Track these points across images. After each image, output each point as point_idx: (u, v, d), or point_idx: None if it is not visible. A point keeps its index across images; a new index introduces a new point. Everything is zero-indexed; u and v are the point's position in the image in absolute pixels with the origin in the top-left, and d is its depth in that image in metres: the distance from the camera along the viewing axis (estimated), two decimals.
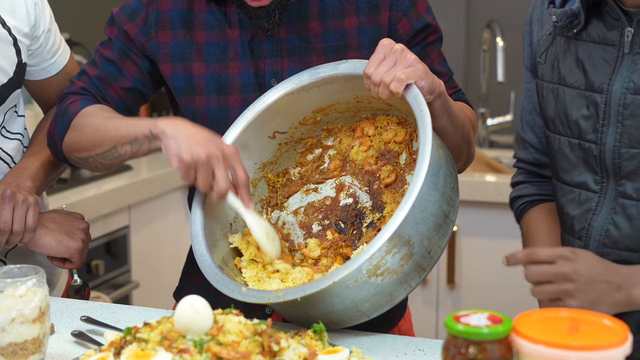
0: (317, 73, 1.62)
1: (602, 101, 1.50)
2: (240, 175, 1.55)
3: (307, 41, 1.70)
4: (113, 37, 1.76)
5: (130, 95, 1.77)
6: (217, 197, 1.54)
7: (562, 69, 1.56)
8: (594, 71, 1.51)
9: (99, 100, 1.76)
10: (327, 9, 1.70)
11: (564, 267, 1.42)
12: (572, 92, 1.54)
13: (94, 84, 1.76)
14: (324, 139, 1.74)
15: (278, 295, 1.42)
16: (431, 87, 1.51)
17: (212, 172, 1.53)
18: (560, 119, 1.57)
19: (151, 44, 1.73)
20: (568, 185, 1.58)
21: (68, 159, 1.77)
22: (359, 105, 1.67)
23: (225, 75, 1.71)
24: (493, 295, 3.01)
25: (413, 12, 1.71)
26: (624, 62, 1.47)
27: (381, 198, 1.67)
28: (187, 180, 1.54)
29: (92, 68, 1.78)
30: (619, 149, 1.49)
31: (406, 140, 1.66)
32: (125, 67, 1.75)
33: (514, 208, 1.77)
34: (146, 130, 1.58)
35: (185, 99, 1.73)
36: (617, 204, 1.50)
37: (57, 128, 1.75)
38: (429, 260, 1.46)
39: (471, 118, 1.75)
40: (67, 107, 1.75)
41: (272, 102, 1.65)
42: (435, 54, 1.75)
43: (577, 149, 1.54)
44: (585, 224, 1.54)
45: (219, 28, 1.71)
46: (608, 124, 1.49)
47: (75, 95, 1.76)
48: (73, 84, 1.79)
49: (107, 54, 1.76)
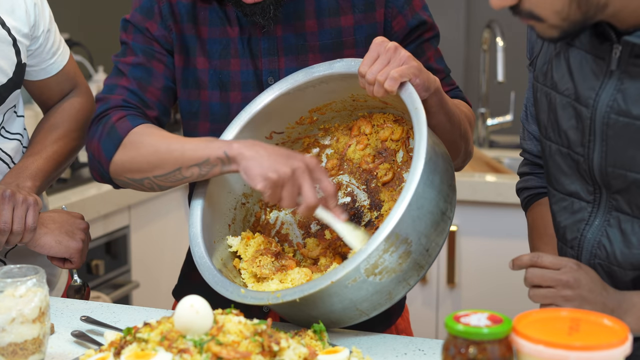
0: (312, 72, 1.62)
1: (587, 116, 1.45)
2: (329, 187, 1.51)
3: (304, 39, 1.70)
4: (131, 41, 1.73)
5: (166, 95, 1.73)
6: (305, 213, 1.49)
7: (555, 74, 1.53)
8: (582, 82, 1.47)
9: (143, 110, 1.70)
10: (323, 7, 1.70)
11: (567, 275, 1.42)
12: (562, 100, 1.50)
13: (132, 93, 1.70)
14: (321, 138, 1.74)
15: (277, 296, 1.42)
16: (426, 84, 1.51)
17: (299, 187, 1.49)
18: (552, 126, 1.54)
19: (173, 35, 1.72)
20: (560, 193, 1.55)
21: (115, 180, 1.69)
22: (355, 103, 1.67)
23: (226, 72, 1.71)
24: (493, 295, 3.01)
25: (408, 9, 1.71)
26: (612, 79, 1.42)
27: (379, 196, 1.67)
28: (274, 200, 1.49)
29: (121, 79, 1.72)
30: (605, 167, 1.45)
31: (403, 138, 1.66)
32: (153, 66, 1.72)
33: (520, 198, 1.77)
34: (220, 152, 1.53)
35: (190, 92, 1.73)
36: (611, 217, 1.47)
37: (105, 147, 1.66)
38: (427, 257, 1.46)
39: (468, 115, 1.75)
40: (114, 125, 1.66)
41: (268, 103, 1.65)
42: (431, 51, 1.76)
43: (568, 158, 1.51)
44: (578, 234, 1.51)
45: (221, 25, 1.72)
46: (594, 139, 1.45)
47: (118, 110, 1.68)
48: (107, 100, 1.70)
49: (132, 59, 1.72)
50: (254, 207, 1.72)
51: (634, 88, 1.39)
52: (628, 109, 1.39)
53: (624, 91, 1.40)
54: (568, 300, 1.41)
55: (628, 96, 1.39)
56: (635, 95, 1.39)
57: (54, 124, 1.91)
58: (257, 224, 1.73)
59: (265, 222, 1.73)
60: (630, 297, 1.44)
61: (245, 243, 1.63)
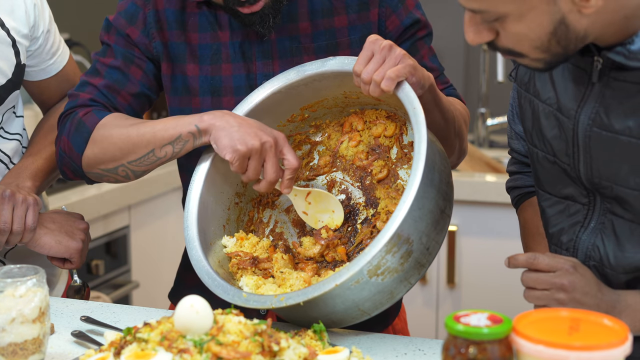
0: (305, 71, 1.62)
1: (569, 127, 1.44)
2: (292, 161, 1.56)
3: (298, 42, 1.70)
4: (112, 43, 1.73)
5: (138, 101, 1.75)
6: (265, 187, 1.56)
7: (537, 82, 1.51)
8: (564, 93, 1.44)
9: (109, 109, 1.72)
10: (316, 8, 1.70)
11: (561, 279, 1.41)
12: (545, 109, 1.49)
13: (101, 94, 1.72)
14: (312, 135, 1.74)
15: (280, 300, 1.42)
16: (421, 82, 1.51)
17: (263, 161, 1.53)
18: (536, 134, 1.52)
19: (155, 44, 1.72)
20: (555, 196, 1.54)
21: (87, 174, 1.71)
22: (347, 100, 1.67)
23: (218, 77, 1.71)
24: (493, 295, 3.01)
25: (402, 9, 1.71)
26: (593, 92, 1.39)
27: (374, 194, 1.66)
28: (240, 171, 1.54)
29: (95, 78, 1.74)
30: (591, 178, 1.44)
31: (396, 134, 1.66)
32: (130, 72, 1.73)
33: (510, 197, 1.77)
34: (191, 126, 1.57)
35: (181, 99, 1.73)
36: (606, 219, 1.46)
37: (74, 142, 1.69)
38: (427, 256, 1.46)
39: (462, 112, 1.75)
40: (81, 120, 1.69)
41: (259, 101, 1.65)
42: (425, 50, 1.76)
43: (556, 165, 1.50)
44: (573, 236, 1.51)
45: (212, 30, 1.71)
46: (578, 151, 1.44)
47: (85, 108, 1.71)
48: (77, 97, 1.73)
49: (110, 61, 1.73)
50: (246, 206, 1.72)
51: (616, 102, 1.37)
52: (610, 123, 1.38)
53: (606, 105, 1.38)
54: (561, 304, 1.40)
55: (610, 110, 1.38)
56: (617, 109, 1.37)
57: (54, 124, 1.90)
58: (250, 223, 1.72)
59: (258, 221, 1.73)
60: (625, 298, 1.44)
61: (239, 244, 1.63)
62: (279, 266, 1.58)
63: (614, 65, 1.36)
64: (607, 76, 1.37)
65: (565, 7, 1.26)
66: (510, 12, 1.28)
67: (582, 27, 1.29)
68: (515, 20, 1.28)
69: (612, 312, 1.41)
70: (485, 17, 1.31)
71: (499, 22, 1.30)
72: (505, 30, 1.31)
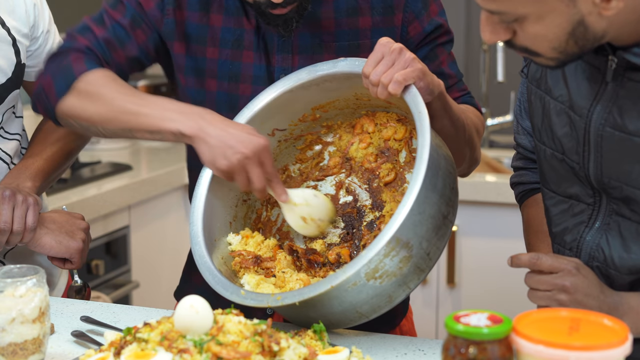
0: (316, 71, 1.61)
1: (581, 126, 1.43)
2: (268, 171, 1.54)
3: (320, 39, 1.69)
4: (126, 0, 1.71)
5: (131, 64, 1.73)
6: (259, 196, 1.56)
7: (549, 79, 1.50)
8: (577, 91, 1.44)
9: (102, 62, 1.68)
10: (341, 6, 1.69)
11: (563, 280, 1.41)
12: (557, 106, 1.48)
13: (100, 45, 1.69)
14: (324, 135, 1.74)
15: (277, 299, 1.42)
16: (430, 88, 1.49)
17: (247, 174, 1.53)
18: (546, 131, 1.52)
19: (167, 20, 1.70)
20: (560, 195, 1.53)
21: (59, 119, 1.68)
22: (358, 102, 1.67)
23: (238, 63, 1.70)
24: (493, 295, 3.01)
25: (425, 15, 1.70)
26: (607, 91, 1.39)
27: (381, 196, 1.66)
28: (230, 181, 1.55)
29: (99, 28, 1.71)
30: (601, 177, 1.43)
31: (406, 138, 1.66)
32: (134, 34, 1.70)
33: (514, 192, 1.76)
34: (174, 127, 1.54)
35: (195, 80, 1.72)
36: (611, 220, 1.45)
37: (56, 84, 1.65)
38: (427, 261, 1.46)
39: (475, 121, 1.72)
40: (70, 64, 1.65)
41: (271, 100, 1.65)
42: (444, 56, 1.74)
43: (564, 164, 1.50)
44: (577, 236, 1.50)
45: (237, 15, 1.69)
46: (589, 150, 1.43)
47: (78, 53, 1.67)
48: (75, 39, 1.70)
49: (119, 17, 1.70)
50: (255, 203, 1.72)
51: (630, 103, 1.36)
52: (624, 124, 1.37)
53: (619, 105, 1.37)
54: (563, 305, 1.40)
55: (624, 111, 1.37)
56: (631, 110, 1.36)
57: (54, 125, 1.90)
58: (258, 221, 1.72)
59: (266, 219, 1.72)
60: (627, 300, 1.43)
61: (244, 242, 1.63)
62: (281, 266, 1.58)
63: (628, 65, 1.35)
64: (622, 76, 1.37)
65: (585, 9, 1.26)
66: (530, 14, 1.27)
67: (600, 28, 1.28)
68: (534, 21, 1.28)
69: (614, 314, 1.40)
70: (504, 18, 1.30)
71: (518, 23, 1.30)
72: (524, 30, 1.30)
